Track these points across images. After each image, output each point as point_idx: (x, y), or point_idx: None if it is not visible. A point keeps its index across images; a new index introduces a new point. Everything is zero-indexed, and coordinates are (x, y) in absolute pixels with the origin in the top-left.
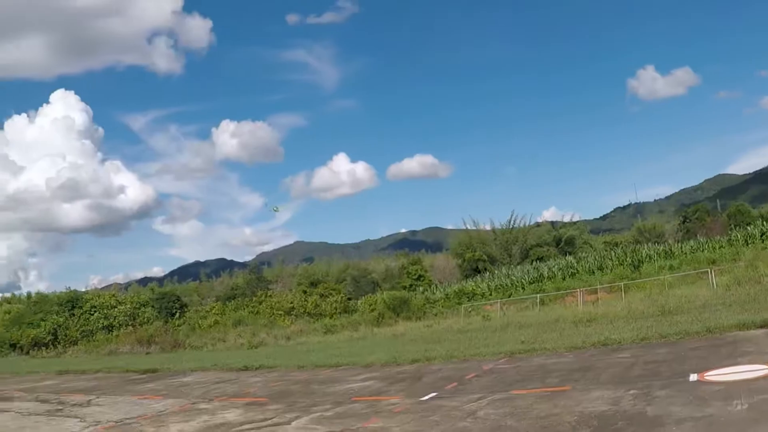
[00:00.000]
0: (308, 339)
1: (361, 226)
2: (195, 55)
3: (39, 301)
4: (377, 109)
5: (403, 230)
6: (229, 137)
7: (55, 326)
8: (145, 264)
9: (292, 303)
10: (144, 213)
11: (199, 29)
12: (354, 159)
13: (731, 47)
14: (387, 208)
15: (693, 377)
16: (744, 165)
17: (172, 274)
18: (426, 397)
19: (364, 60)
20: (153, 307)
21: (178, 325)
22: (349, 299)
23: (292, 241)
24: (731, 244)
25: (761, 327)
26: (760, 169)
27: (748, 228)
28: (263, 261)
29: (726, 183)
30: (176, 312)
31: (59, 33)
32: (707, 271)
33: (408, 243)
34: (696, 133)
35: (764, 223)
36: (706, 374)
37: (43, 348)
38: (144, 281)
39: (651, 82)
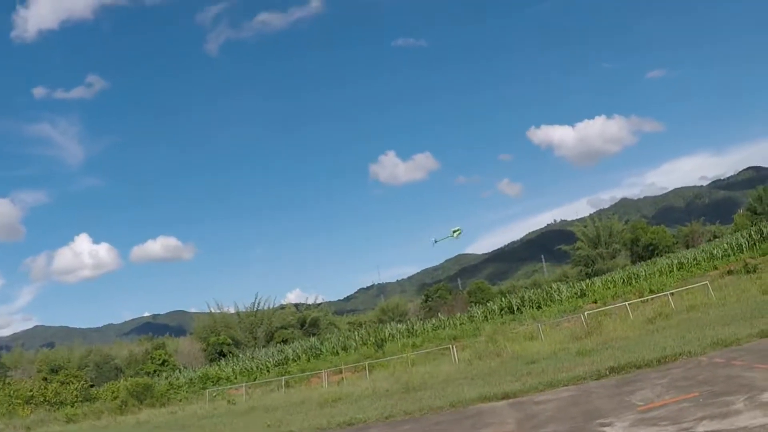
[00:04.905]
0: (48, 429)
1: (104, 310)
2: None
3: None
4: (121, 188)
5: (147, 314)
6: None
7: None
8: None
9: (31, 391)
10: None
11: None
12: (97, 240)
13: (469, 134)
14: (130, 291)
15: None
16: (482, 245)
17: None
18: None
19: (110, 138)
20: None
21: None
22: (92, 386)
23: (32, 326)
24: (472, 320)
25: (503, 399)
26: (497, 249)
27: (488, 304)
28: (0, 346)
29: (466, 262)
30: None
31: None
32: (449, 347)
33: (152, 327)
34: (436, 216)
35: (502, 298)
36: None
37: None
38: None
39: (392, 167)
